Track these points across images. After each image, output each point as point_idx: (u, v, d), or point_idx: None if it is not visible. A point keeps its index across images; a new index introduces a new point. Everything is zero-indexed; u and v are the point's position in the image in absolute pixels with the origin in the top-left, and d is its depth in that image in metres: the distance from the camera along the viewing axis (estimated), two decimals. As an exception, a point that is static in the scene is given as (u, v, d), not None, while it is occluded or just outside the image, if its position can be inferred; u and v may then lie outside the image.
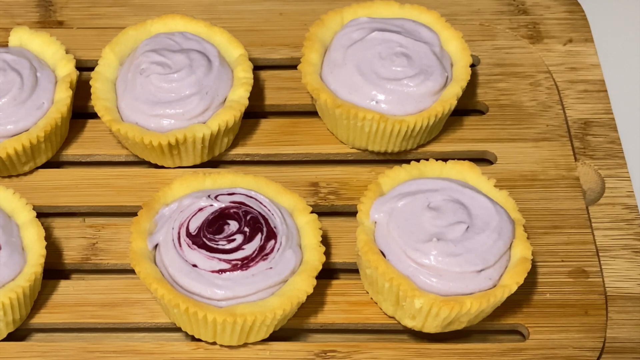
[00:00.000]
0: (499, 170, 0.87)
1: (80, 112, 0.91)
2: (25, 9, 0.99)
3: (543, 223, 0.84)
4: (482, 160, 0.89)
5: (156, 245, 0.76)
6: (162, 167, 0.88)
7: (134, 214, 0.78)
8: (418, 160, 0.81)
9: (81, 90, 0.89)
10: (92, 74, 0.87)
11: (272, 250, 0.74)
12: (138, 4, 0.99)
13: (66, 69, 0.88)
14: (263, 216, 0.76)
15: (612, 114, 0.92)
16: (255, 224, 0.75)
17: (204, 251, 0.74)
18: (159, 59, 0.85)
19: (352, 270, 0.81)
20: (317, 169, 0.88)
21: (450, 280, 0.74)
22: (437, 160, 0.82)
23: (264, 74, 0.93)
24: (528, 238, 0.78)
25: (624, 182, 0.87)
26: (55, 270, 0.81)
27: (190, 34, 0.89)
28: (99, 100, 0.85)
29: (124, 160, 0.89)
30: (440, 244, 0.74)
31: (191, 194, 0.78)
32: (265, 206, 0.77)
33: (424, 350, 0.77)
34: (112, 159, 0.89)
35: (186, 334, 0.78)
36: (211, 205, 0.77)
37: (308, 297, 0.74)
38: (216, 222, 0.75)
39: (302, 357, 0.77)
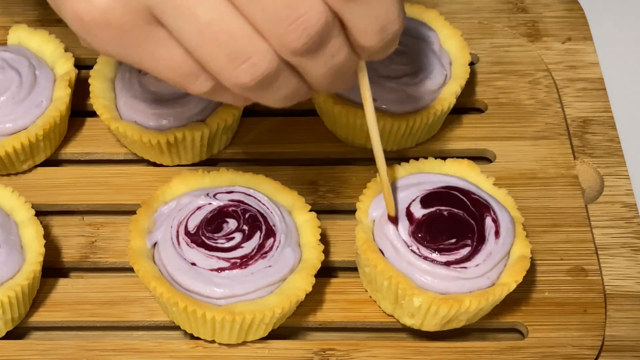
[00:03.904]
0: (497, 169, 0.87)
1: (79, 110, 0.91)
2: (24, 7, 0.99)
3: (542, 221, 0.84)
4: (481, 158, 0.89)
5: (155, 244, 0.76)
6: (161, 165, 0.88)
7: (133, 212, 0.78)
8: (417, 159, 0.81)
9: (80, 89, 0.89)
10: (91, 72, 0.87)
11: (271, 248, 0.74)
12: (137, 2, 0.99)
13: (65, 67, 0.88)
14: (262, 214, 0.76)
15: (611, 112, 0.92)
16: (254, 222, 0.75)
17: (202, 249, 0.74)
18: (157, 57, 0.85)
19: (351, 269, 0.81)
20: (316, 168, 0.88)
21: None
22: (436, 158, 0.81)
23: (262, 72, 0.93)
24: (527, 236, 0.78)
25: (623, 180, 0.87)
26: (54, 268, 0.81)
27: (189, 32, 0.89)
28: (98, 98, 0.85)
29: (122, 158, 0.89)
30: (439, 242, 0.74)
31: (190, 192, 0.78)
32: (264, 204, 0.77)
33: (422, 349, 0.77)
34: (111, 157, 0.89)
35: (185, 332, 0.78)
36: (210, 203, 0.77)
37: (307, 295, 0.74)
38: (215, 221, 0.75)
39: (301, 355, 0.77)
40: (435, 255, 0.73)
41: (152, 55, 0.59)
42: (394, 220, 0.75)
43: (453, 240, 0.74)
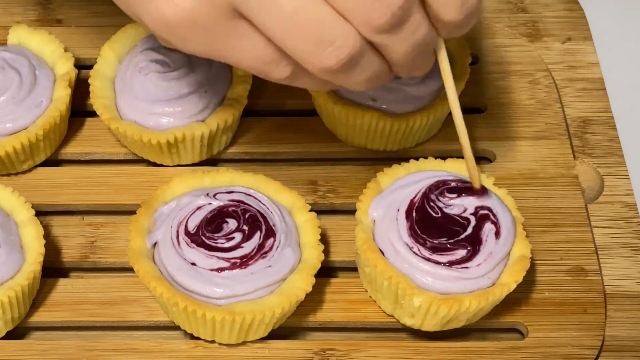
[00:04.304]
0: (497, 169, 0.87)
1: (79, 110, 0.91)
2: (24, 7, 0.99)
3: (542, 221, 0.84)
4: (481, 158, 0.89)
5: (155, 244, 0.76)
6: (161, 165, 0.88)
7: (133, 212, 0.78)
8: (417, 159, 0.81)
9: (80, 89, 0.89)
10: (91, 72, 0.87)
11: (271, 248, 0.74)
12: (137, 2, 0.99)
13: (65, 67, 0.88)
14: (262, 214, 0.76)
15: (611, 112, 0.92)
16: (254, 222, 0.75)
17: (202, 249, 0.74)
18: (157, 57, 0.85)
19: (351, 269, 0.81)
20: (316, 168, 0.88)
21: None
22: (436, 158, 0.81)
23: (263, 72, 0.93)
24: (527, 236, 0.78)
25: (623, 180, 0.87)
26: (54, 268, 0.81)
27: (189, 32, 0.89)
28: (98, 98, 0.85)
29: (122, 158, 0.89)
30: (439, 242, 0.74)
31: (190, 192, 0.78)
32: (264, 204, 0.77)
33: (422, 349, 0.77)
34: (111, 157, 0.89)
35: (185, 332, 0.78)
36: (210, 203, 0.77)
37: (307, 295, 0.74)
38: (215, 221, 0.75)
39: (301, 355, 0.77)
40: (436, 257, 0.73)
41: (235, 48, 0.61)
42: (480, 192, 0.75)
43: (451, 240, 0.74)
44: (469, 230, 0.74)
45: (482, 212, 0.75)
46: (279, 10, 0.57)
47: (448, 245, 0.73)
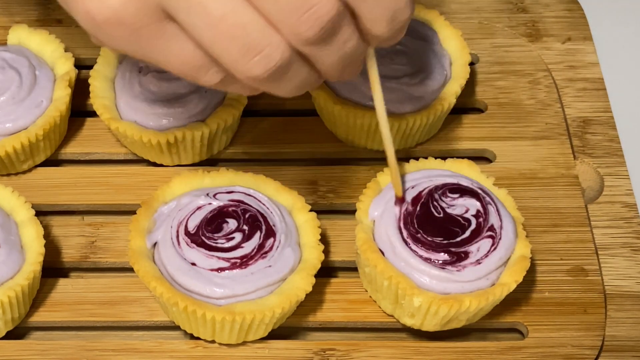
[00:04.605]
0: (498, 169, 0.87)
1: (79, 110, 0.91)
2: (24, 7, 0.99)
3: (542, 221, 0.84)
4: (481, 158, 0.89)
5: (155, 244, 0.76)
6: (161, 165, 0.88)
7: (133, 212, 0.78)
8: (417, 159, 0.81)
9: (80, 89, 0.89)
10: (91, 72, 0.87)
11: (271, 248, 0.74)
12: (137, 2, 0.99)
13: (65, 67, 0.88)
14: (262, 214, 0.76)
15: (611, 112, 0.92)
16: (254, 222, 0.75)
17: (202, 249, 0.74)
18: (157, 57, 0.85)
19: (351, 269, 0.81)
20: (316, 168, 0.88)
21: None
22: (436, 158, 0.82)
23: (263, 72, 0.93)
24: (527, 236, 0.78)
25: (623, 180, 0.87)
26: (54, 268, 0.81)
27: (189, 32, 0.89)
28: (98, 98, 0.85)
29: (122, 158, 0.89)
30: (439, 242, 0.74)
31: (190, 192, 0.78)
32: (264, 204, 0.77)
33: (422, 349, 0.77)
34: (111, 157, 0.89)
35: (185, 333, 0.78)
36: (210, 203, 0.77)
37: (307, 295, 0.74)
38: (215, 221, 0.75)
39: (301, 355, 0.77)
40: (430, 255, 0.73)
41: (163, 51, 0.60)
42: (401, 200, 0.76)
43: (448, 241, 0.74)
44: (467, 233, 0.74)
45: (483, 215, 0.75)
46: (206, 14, 0.56)
47: (444, 245, 0.73)
